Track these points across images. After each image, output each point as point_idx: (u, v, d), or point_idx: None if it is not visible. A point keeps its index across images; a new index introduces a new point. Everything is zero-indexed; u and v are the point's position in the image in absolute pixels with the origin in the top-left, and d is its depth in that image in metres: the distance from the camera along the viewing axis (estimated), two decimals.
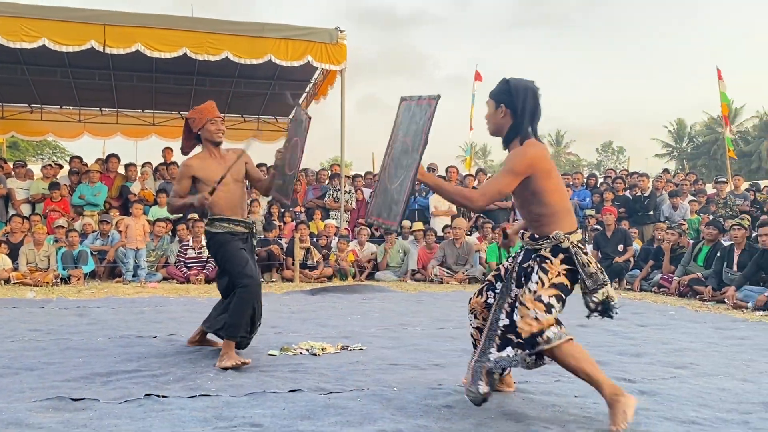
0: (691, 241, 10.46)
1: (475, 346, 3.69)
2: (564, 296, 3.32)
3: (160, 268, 10.88)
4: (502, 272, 3.63)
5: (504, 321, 3.40)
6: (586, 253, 3.37)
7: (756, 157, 50.55)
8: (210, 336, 5.07)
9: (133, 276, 10.33)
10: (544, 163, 3.35)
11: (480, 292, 3.69)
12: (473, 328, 3.72)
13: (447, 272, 11.31)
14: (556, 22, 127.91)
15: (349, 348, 5.09)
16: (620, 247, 11.11)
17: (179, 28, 11.71)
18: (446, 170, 13.93)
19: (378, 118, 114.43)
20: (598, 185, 14.82)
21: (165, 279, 10.66)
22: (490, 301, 3.62)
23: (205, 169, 4.73)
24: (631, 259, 11.11)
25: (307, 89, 15.63)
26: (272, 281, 10.73)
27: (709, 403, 3.63)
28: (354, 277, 11.31)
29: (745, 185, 14.57)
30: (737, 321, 7.15)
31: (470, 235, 12.23)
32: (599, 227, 11.79)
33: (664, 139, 58.00)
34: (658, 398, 3.70)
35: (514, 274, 3.49)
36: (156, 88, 15.54)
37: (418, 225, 12.39)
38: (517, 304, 3.32)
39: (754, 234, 9.60)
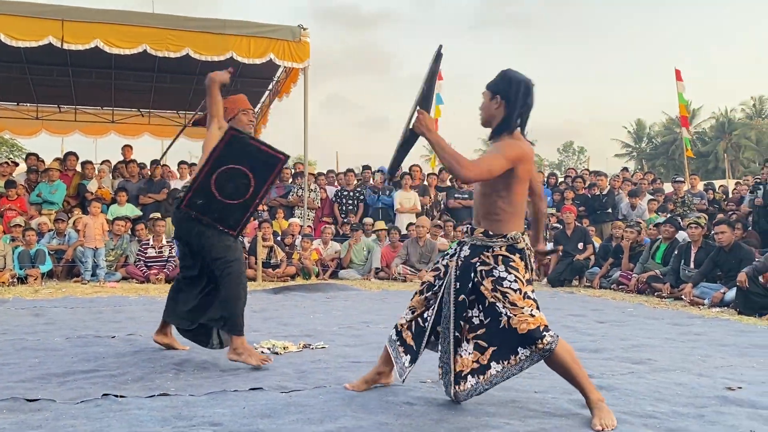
0: (648, 238, 10.61)
1: (398, 331, 3.63)
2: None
3: (120, 267, 10.74)
4: (441, 271, 3.57)
5: (485, 321, 3.29)
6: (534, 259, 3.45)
7: (713, 158, 51.62)
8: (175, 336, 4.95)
9: (92, 276, 10.16)
10: (529, 164, 3.35)
11: (420, 292, 3.62)
12: (405, 319, 3.63)
13: (410, 270, 11.34)
14: (519, 22, 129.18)
15: (311, 346, 5.08)
16: (580, 245, 11.24)
17: (139, 24, 11.55)
18: (409, 168, 13.97)
19: (342, 116, 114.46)
20: (558, 184, 14.99)
21: (124, 278, 10.52)
22: (430, 299, 3.55)
23: None
24: (592, 257, 11.25)
25: (270, 87, 15.56)
26: None
27: (666, 397, 3.69)
28: (317, 275, 11.29)
29: (700, 185, 14.85)
30: (694, 317, 7.29)
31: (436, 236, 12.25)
32: (559, 225, 11.92)
33: (623, 139, 58.91)
34: (616, 393, 3.75)
35: (459, 271, 3.42)
36: (115, 85, 15.33)
37: (381, 224, 12.41)
38: (504, 305, 3.23)
39: (711, 232, 9.79)
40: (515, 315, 3.21)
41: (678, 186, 13.30)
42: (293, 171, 14.16)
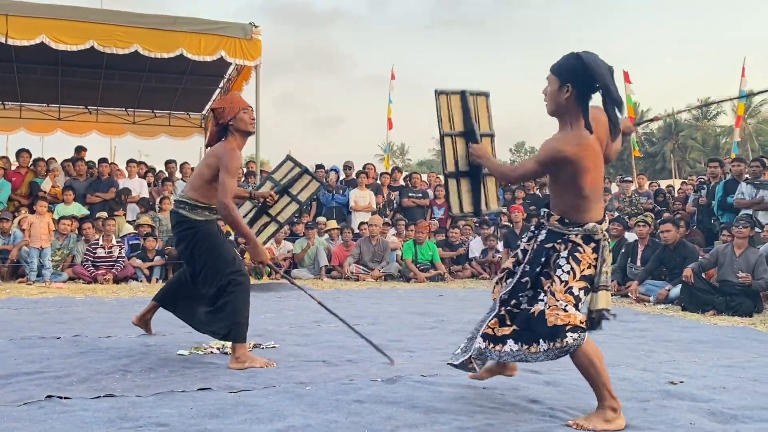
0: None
1: (492, 335, 3.47)
2: (590, 287, 3.24)
3: (66, 267, 10.51)
4: (520, 256, 3.47)
5: (524, 305, 3.29)
6: (610, 251, 3.29)
7: (660, 158, 52.76)
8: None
9: (38, 276, 9.93)
10: (576, 160, 3.11)
11: (500, 281, 3.54)
12: (494, 317, 3.49)
13: (363, 269, 11.35)
14: (472, 23, 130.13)
15: (261, 346, 5.04)
16: None
17: (86, 19, 11.32)
18: (363, 167, 14.00)
19: (295, 115, 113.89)
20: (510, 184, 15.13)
21: (71, 279, 10.30)
22: None
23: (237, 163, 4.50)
24: None
25: (221, 85, 15.41)
26: None
27: None
28: (269, 275, 11.21)
29: (646, 184, 15.14)
30: (639, 314, 7.45)
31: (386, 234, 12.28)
32: (510, 224, 12.06)
33: None
34: (562, 388, 3.82)
35: (532, 254, 3.37)
36: (62, 81, 15.01)
37: (333, 224, 12.39)
38: (545, 292, 3.22)
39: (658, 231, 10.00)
40: (549, 306, 3.17)
41: (625, 186, 13.53)
42: (245, 170, 14.04)
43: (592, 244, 3.23)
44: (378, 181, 14.12)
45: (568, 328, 3.12)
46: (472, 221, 12.94)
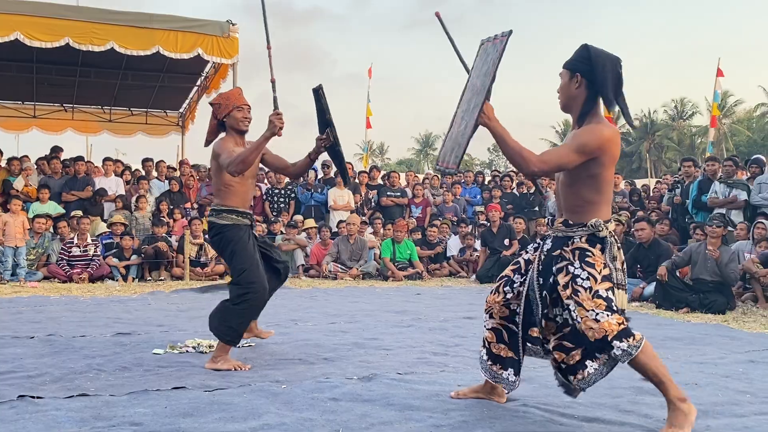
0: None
1: (488, 348, 3.49)
2: (614, 286, 3.10)
3: (41, 266, 10.41)
4: (522, 265, 3.39)
5: (560, 317, 3.18)
6: (619, 248, 3.16)
7: (636, 158, 53.21)
8: None
9: (12, 275, 9.83)
10: (615, 149, 3.12)
11: (497, 290, 3.44)
12: (488, 329, 3.49)
13: (341, 268, 11.35)
14: (451, 22, 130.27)
15: (237, 345, 5.02)
16: (506, 242, 11.45)
17: (62, 16, 11.18)
18: None
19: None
20: (487, 183, 15.20)
21: (46, 278, 10.20)
22: (509, 296, 3.39)
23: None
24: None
25: (198, 83, 15.31)
26: (161, 279, 10.45)
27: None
28: None
29: (622, 183, 15.25)
30: None
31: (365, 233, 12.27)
32: (487, 223, 12.12)
33: (551, 139, 60.14)
34: (536, 385, 3.85)
35: (539, 264, 3.26)
36: (37, 79, 14.84)
37: (310, 222, 12.36)
38: (572, 306, 3.06)
39: (632, 230, 10.09)
40: (581, 318, 3.03)
41: None
42: None
43: (599, 245, 3.12)
44: (356, 180, 14.10)
45: (610, 338, 3.01)
46: (450, 220, 12.97)
